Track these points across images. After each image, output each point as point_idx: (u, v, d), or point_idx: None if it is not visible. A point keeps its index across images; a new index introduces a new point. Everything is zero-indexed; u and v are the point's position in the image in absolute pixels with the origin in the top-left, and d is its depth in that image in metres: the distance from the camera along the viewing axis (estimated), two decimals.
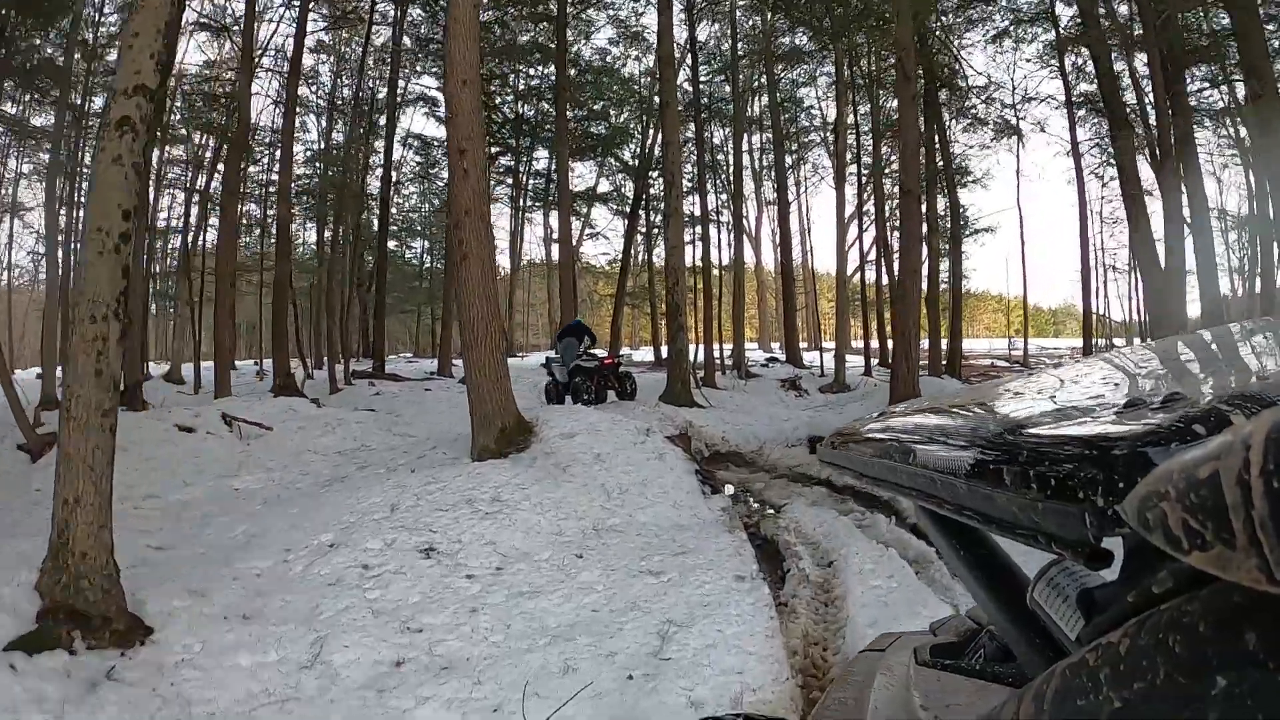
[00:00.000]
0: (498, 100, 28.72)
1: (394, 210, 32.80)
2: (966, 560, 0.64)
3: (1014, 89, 21.13)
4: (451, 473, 6.76)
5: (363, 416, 12.67)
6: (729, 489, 7.81)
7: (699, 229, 21.25)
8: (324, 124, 27.02)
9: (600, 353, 12.01)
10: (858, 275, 21.83)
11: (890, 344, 24.84)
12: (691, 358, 17.88)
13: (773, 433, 10.32)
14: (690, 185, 23.39)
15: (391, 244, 34.09)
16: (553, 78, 25.77)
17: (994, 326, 56.21)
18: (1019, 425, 0.51)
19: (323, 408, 13.31)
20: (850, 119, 21.60)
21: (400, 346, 40.96)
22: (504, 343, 7.68)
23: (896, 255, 26.17)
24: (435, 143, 30.70)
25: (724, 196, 25.17)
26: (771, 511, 6.63)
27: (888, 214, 25.55)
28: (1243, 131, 19.03)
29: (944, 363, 19.51)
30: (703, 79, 21.55)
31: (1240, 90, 18.55)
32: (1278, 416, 0.23)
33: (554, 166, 22.04)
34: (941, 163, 19.09)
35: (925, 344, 30.87)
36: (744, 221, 29.03)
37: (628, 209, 26.56)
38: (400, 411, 14.32)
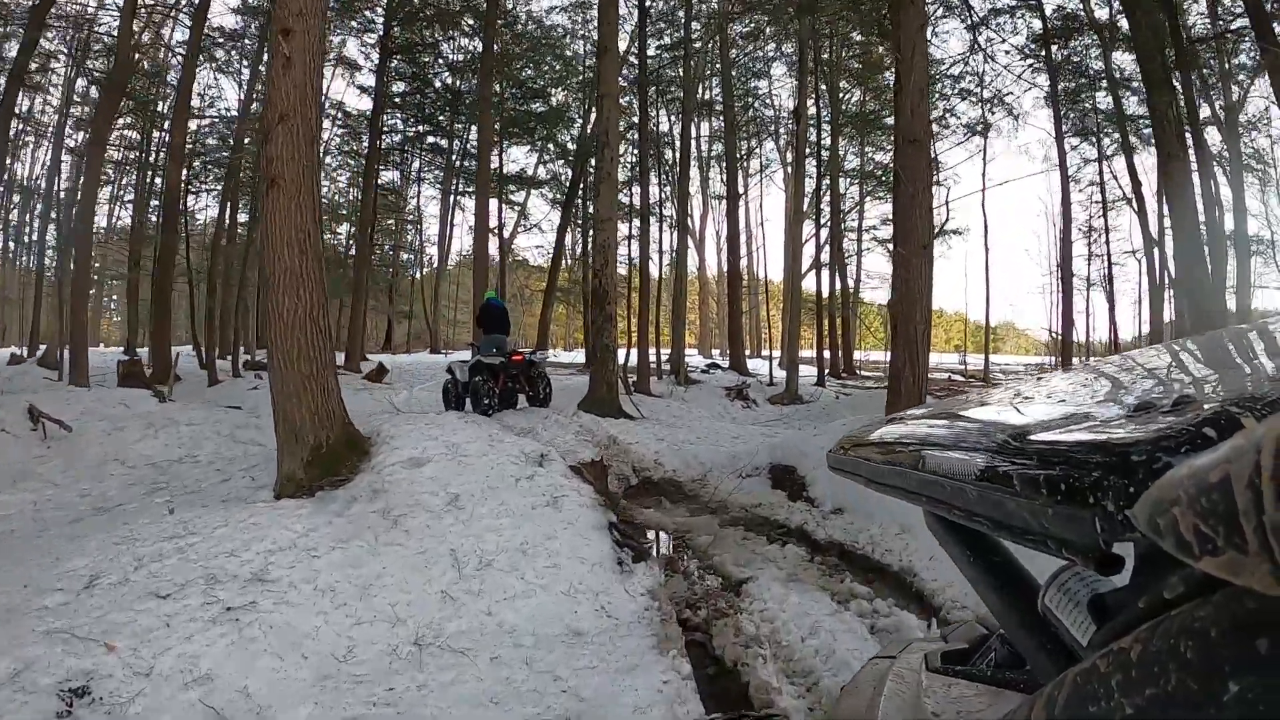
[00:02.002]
0: (430, 74, 26.09)
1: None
2: (977, 566, 0.64)
3: (983, 86, 19.49)
4: (217, 519, 4.16)
5: (206, 417, 10.02)
6: (655, 537, 5.40)
7: (638, 222, 18.91)
8: (244, 92, 23.71)
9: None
10: (811, 277, 19.81)
11: (840, 353, 23.22)
12: (623, 360, 15.53)
13: (721, 455, 7.94)
14: (630, 174, 21.11)
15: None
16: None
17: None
18: (1028, 430, 0.49)
19: (166, 403, 10.75)
20: (811, 109, 19.58)
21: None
22: (325, 314, 5.09)
23: (852, 257, 24.44)
24: (355, 113, 27.96)
25: (667, 190, 22.88)
26: (729, 596, 4.19)
27: (842, 212, 23.78)
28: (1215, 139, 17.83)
29: None
30: (651, 54, 19.19)
31: (1219, 103, 17.40)
32: None
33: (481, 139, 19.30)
34: None
35: (883, 356, 29.29)
36: (689, 221, 26.93)
37: (563, 196, 24.08)
38: (266, 412, 11.61)
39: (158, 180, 25.84)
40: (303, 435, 4.85)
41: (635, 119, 18.43)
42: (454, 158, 29.54)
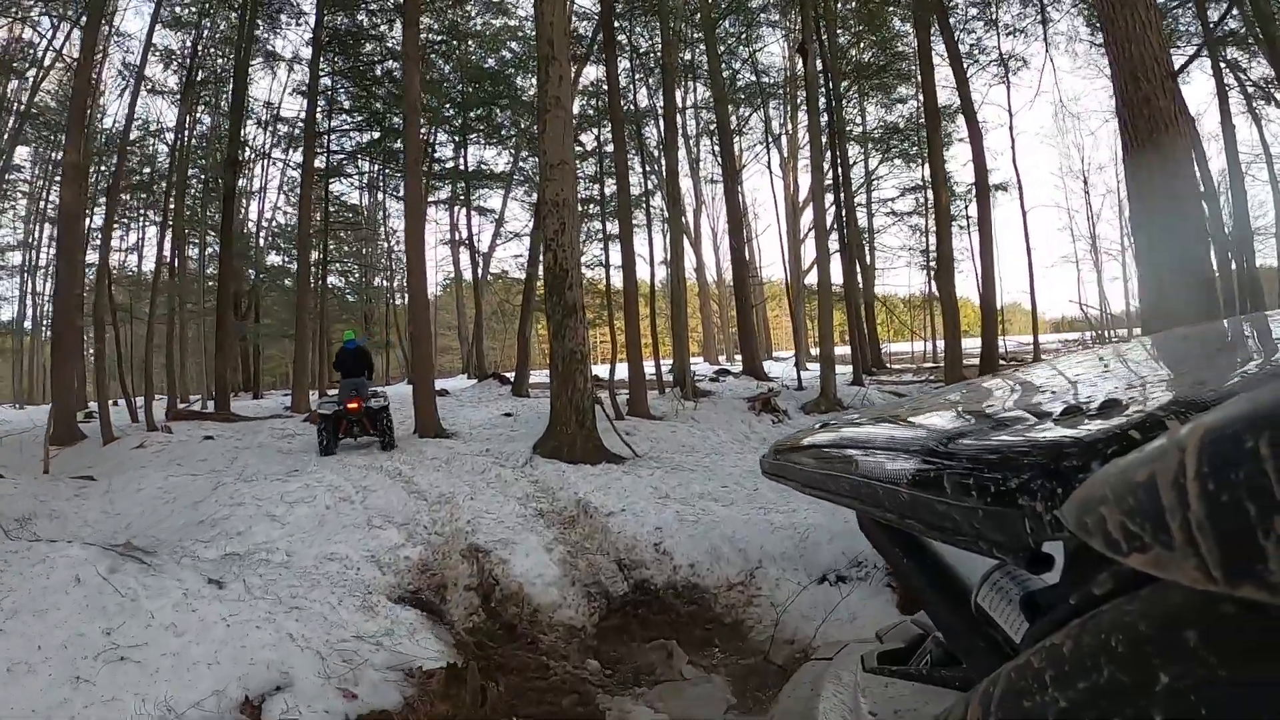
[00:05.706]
0: (375, 69, 22.84)
1: (272, 215, 26.54)
2: (911, 567, 0.64)
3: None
4: None
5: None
6: None
7: (614, 204, 15.50)
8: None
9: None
10: (835, 257, 16.40)
11: (868, 347, 19.82)
12: (608, 374, 12.12)
13: (775, 532, 4.44)
14: (602, 167, 17.82)
15: (277, 259, 27.69)
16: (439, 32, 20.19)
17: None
18: (959, 434, 0.50)
19: None
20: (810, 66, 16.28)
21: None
22: None
23: (866, 236, 21.02)
24: (294, 121, 24.65)
25: (652, 180, 19.44)
26: None
27: (855, 187, 20.41)
28: None
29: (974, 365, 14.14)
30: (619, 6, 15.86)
31: None
32: (1212, 421, 0.24)
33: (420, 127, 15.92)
34: (958, 94, 13.79)
35: (908, 347, 25.91)
36: (681, 219, 23.49)
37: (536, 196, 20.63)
38: (119, 486, 8.45)
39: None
40: None
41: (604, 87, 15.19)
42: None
